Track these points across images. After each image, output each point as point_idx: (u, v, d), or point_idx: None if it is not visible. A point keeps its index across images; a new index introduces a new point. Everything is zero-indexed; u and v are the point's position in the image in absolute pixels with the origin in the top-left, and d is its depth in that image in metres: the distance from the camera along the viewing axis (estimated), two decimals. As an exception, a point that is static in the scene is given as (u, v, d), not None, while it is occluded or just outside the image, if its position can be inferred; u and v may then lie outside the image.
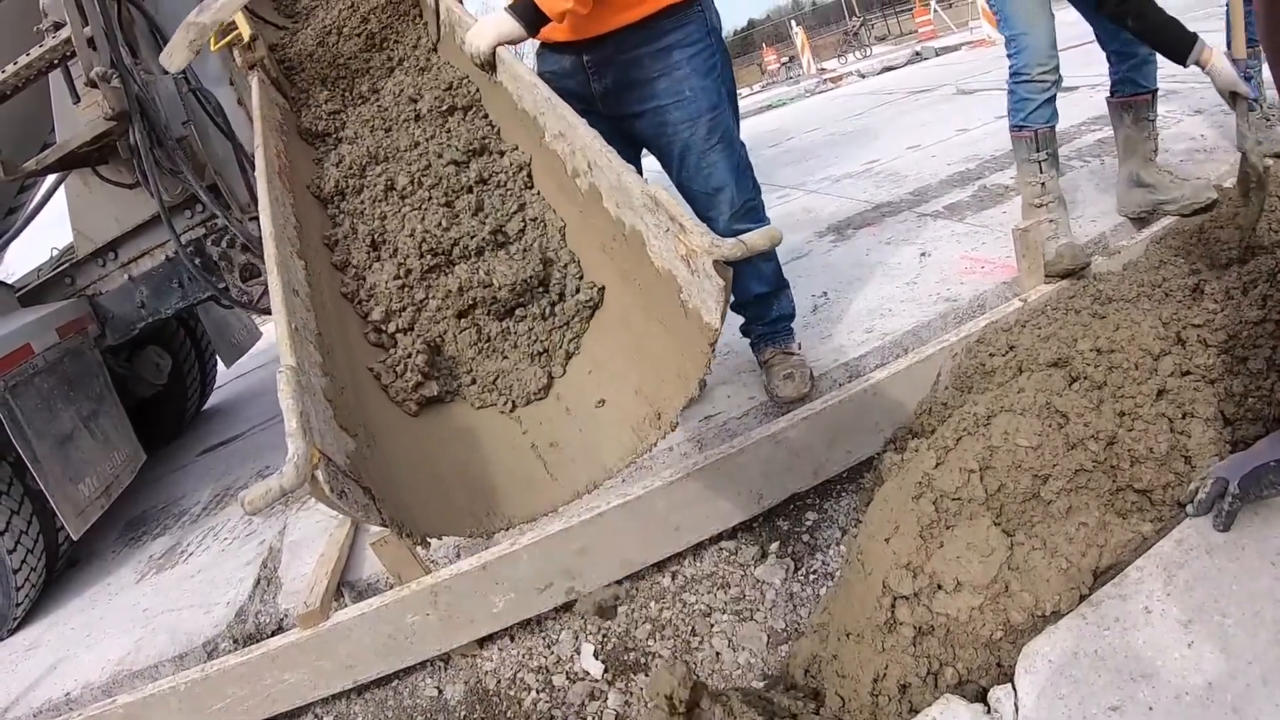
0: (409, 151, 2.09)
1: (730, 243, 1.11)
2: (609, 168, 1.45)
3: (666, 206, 1.23)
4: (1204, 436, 1.46)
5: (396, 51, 2.56)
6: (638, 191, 1.34)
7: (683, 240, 1.20)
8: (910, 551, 1.33)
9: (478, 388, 1.66)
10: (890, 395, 2.31)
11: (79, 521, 3.14)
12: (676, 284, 1.30)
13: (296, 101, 2.47)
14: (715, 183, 2.27)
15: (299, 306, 1.34)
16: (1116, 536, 1.27)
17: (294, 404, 1.04)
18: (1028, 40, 2.65)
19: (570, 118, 1.59)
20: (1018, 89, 2.74)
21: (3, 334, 3.15)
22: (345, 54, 2.59)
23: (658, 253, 1.35)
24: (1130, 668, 1.07)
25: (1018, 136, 2.79)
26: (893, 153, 5.37)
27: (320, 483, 0.99)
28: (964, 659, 1.24)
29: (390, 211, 1.93)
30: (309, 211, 2.01)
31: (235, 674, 2.18)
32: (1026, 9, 2.65)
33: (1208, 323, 1.72)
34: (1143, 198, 2.93)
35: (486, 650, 2.23)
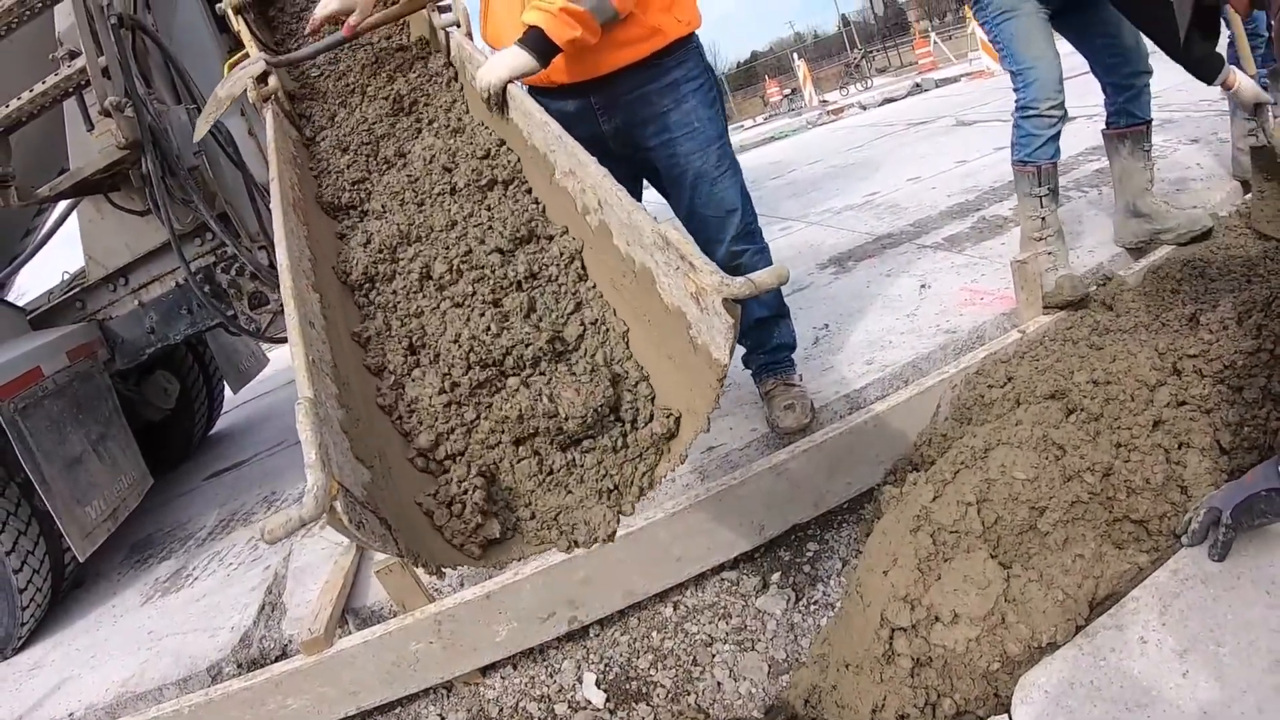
0: (446, 232, 1.91)
1: (739, 281, 1.14)
2: (619, 205, 1.48)
3: (677, 245, 1.26)
4: (1200, 466, 1.48)
5: (426, 113, 2.40)
6: (648, 230, 1.37)
7: (693, 278, 1.22)
8: (908, 584, 1.35)
9: (536, 523, 1.44)
10: (890, 427, 2.33)
11: (86, 543, 3.16)
12: (686, 320, 1.33)
13: (316, 171, 2.31)
14: (727, 206, 2.35)
15: (315, 339, 1.37)
16: (1112, 567, 1.29)
17: (313, 435, 1.06)
18: (1036, 74, 2.68)
19: (581, 155, 1.63)
20: (1024, 124, 2.77)
21: (13, 356, 3.18)
22: (370, 117, 2.42)
23: (667, 289, 1.38)
24: (1126, 698, 1.09)
25: (1021, 171, 2.82)
26: (893, 184, 5.44)
27: (339, 513, 1.00)
28: (961, 690, 1.26)
29: (428, 307, 1.74)
30: (329, 291, 1.79)
31: (239, 698, 2.20)
32: (1034, 43, 2.69)
33: (1203, 353, 1.75)
34: (1140, 228, 2.96)
35: (489, 678, 2.24)
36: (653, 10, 2.15)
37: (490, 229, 1.85)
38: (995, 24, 2.78)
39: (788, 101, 20.00)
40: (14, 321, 3.74)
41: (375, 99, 2.50)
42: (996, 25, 2.78)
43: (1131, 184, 2.98)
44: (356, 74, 2.66)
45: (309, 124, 2.51)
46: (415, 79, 2.52)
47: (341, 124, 2.46)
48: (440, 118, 2.35)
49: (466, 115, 2.30)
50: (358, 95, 2.57)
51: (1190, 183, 3.66)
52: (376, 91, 2.53)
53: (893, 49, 24.87)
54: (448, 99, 2.40)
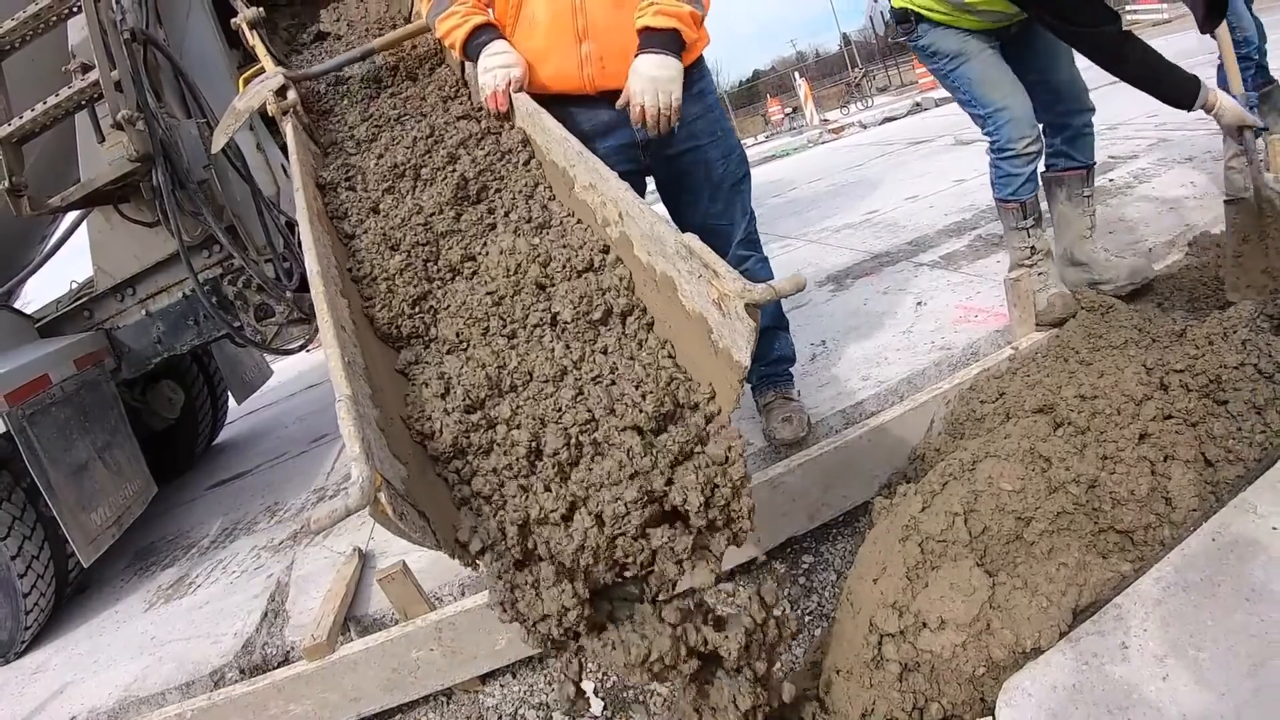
0: (555, 387, 1.53)
1: (761, 288, 1.20)
2: (641, 217, 1.54)
3: (700, 254, 1.32)
4: (1184, 479, 1.52)
5: (499, 201, 2.02)
6: (671, 240, 1.42)
7: (716, 285, 1.28)
8: (897, 591, 1.40)
9: None
10: (885, 441, 2.38)
11: (90, 550, 3.20)
12: (708, 325, 1.38)
13: (360, 276, 1.87)
14: (740, 212, 2.45)
15: (347, 342, 1.42)
16: (1096, 575, 1.33)
17: (355, 430, 1.09)
18: (1009, 115, 2.63)
19: (602, 170, 1.68)
20: (1003, 164, 2.72)
21: (22, 364, 3.22)
22: (426, 207, 1.98)
23: (689, 295, 1.43)
24: (1108, 701, 1.13)
25: (1005, 208, 2.79)
26: (892, 203, 5.50)
27: (384, 504, 1.04)
28: (948, 694, 1.29)
29: (552, 508, 1.33)
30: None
31: (242, 703, 2.23)
32: (998, 83, 2.65)
33: (1189, 368, 1.80)
34: (1078, 276, 2.90)
35: (488, 686, 2.27)
36: None
37: (624, 400, 1.46)
38: (950, 70, 2.74)
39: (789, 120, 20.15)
40: (22, 329, 3.79)
41: (432, 182, 2.08)
42: (952, 71, 2.74)
43: (1069, 231, 2.91)
44: (406, 150, 2.22)
45: (346, 219, 2.04)
46: (484, 157, 2.11)
47: (389, 214, 1.99)
48: (520, 207, 1.97)
49: (553, 202, 1.96)
50: (409, 178, 2.13)
51: (1184, 201, 3.70)
52: (434, 173, 2.11)
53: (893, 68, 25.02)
54: (526, 182, 2.02)
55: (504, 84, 2.10)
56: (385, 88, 2.73)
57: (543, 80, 2.19)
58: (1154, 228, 3.47)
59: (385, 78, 2.76)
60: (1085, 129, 2.82)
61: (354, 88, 2.75)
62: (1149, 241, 3.31)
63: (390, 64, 2.77)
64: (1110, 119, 6.03)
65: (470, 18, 2.15)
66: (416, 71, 2.76)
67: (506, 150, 2.15)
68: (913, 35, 2.82)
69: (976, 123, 2.79)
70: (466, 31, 2.14)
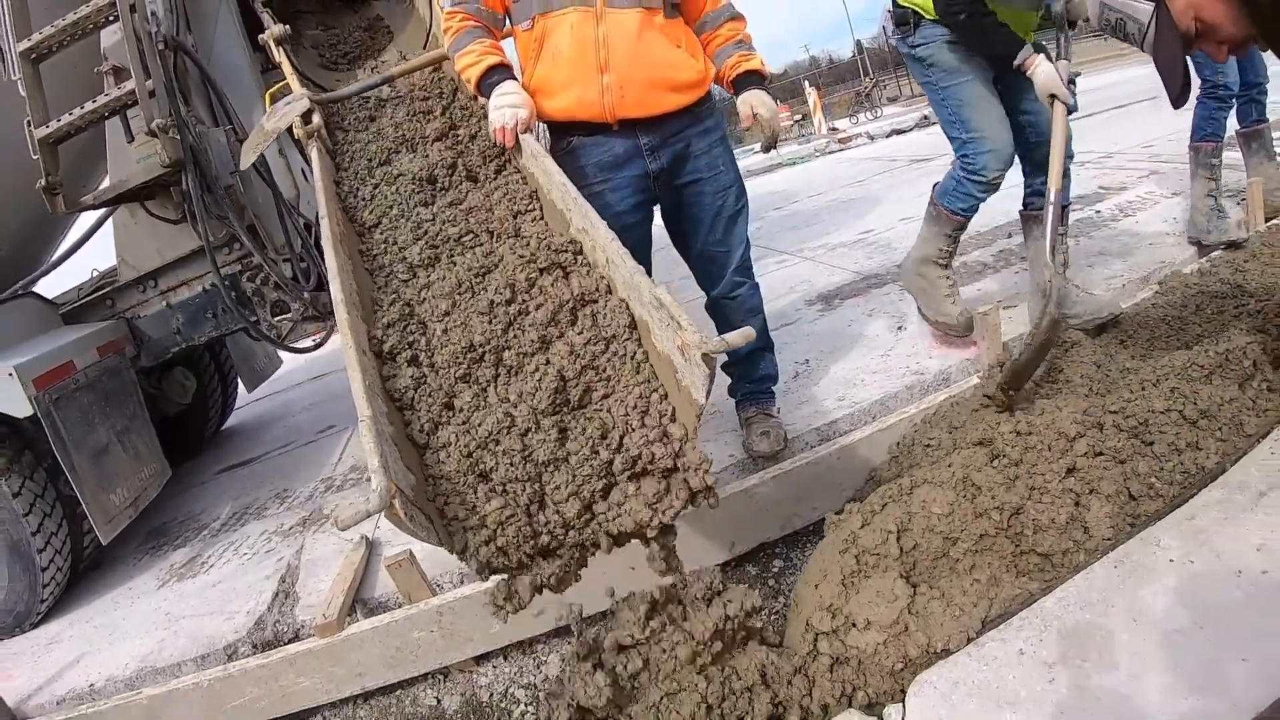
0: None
1: (715, 341, 1.44)
2: (623, 266, 1.75)
3: (669, 307, 1.54)
4: (1101, 511, 1.72)
5: (610, 415, 1.74)
6: (647, 291, 1.65)
7: (679, 335, 1.50)
8: (833, 595, 1.61)
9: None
10: (854, 459, 2.59)
11: (109, 528, 3.37)
12: (674, 366, 1.61)
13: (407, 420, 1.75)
14: (737, 241, 2.63)
15: (369, 366, 1.62)
16: (1006, 591, 1.54)
17: (375, 446, 1.32)
18: (989, 145, 2.75)
19: (592, 217, 1.89)
20: (967, 184, 2.85)
21: (48, 350, 3.39)
22: (520, 420, 1.70)
23: (659, 339, 1.66)
24: (999, 696, 1.34)
25: (947, 216, 2.95)
26: (887, 223, 5.69)
27: (397, 509, 1.26)
28: (872, 684, 1.50)
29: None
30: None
31: (255, 675, 2.43)
32: (987, 111, 2.75)
33: (1122, 409, 2.00)
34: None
35: (482, 667, 2.48)
36: (699, 57, 2.43)
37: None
38: (943, 87, 2.83)
39: (797, 127, 20.31)
40: (47, 316, 3.94)
41: (519, 372, 1.81)
42: (944, 89, 2.83)
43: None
44: (484, 320, 1.92)
45: (414, 412, 1.75)
46: (584, 346, 1.82)
47: (471, 422, 1.72)
48: (635, 431, 1.73)
49: (671, 424, 1.69)
50: (489, 362, 1.84)
51: (1164, 239, 3.85)
52: (520, 360, 1.83)
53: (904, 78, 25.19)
54: (640, 392, 1.74)
55: (511, 123, 2.28)
56: (442, 189, 2.42)
57: (565, 108, 2.36)
58: (1131, 263, 3.64)
59: (441, 177, 2.44)
60: (1065, 174, 2.89)
61: (404, 188, 2.41)
62: (1123, 277, 3.48)
63: (448, 161, 2.47)
64: (1106, 147, 6.20)
65: (485, 58, 2.35)
66: (478, 171, 2.48)
67: (610, 336, 1.84)
68: (911, 41, 2.88)
69: (953, 143, 2.90)
70: (481, 71, 2.34)
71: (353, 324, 1.67)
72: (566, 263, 2.02)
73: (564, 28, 2.30)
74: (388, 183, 2.43)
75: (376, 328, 1.91)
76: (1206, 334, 2.65)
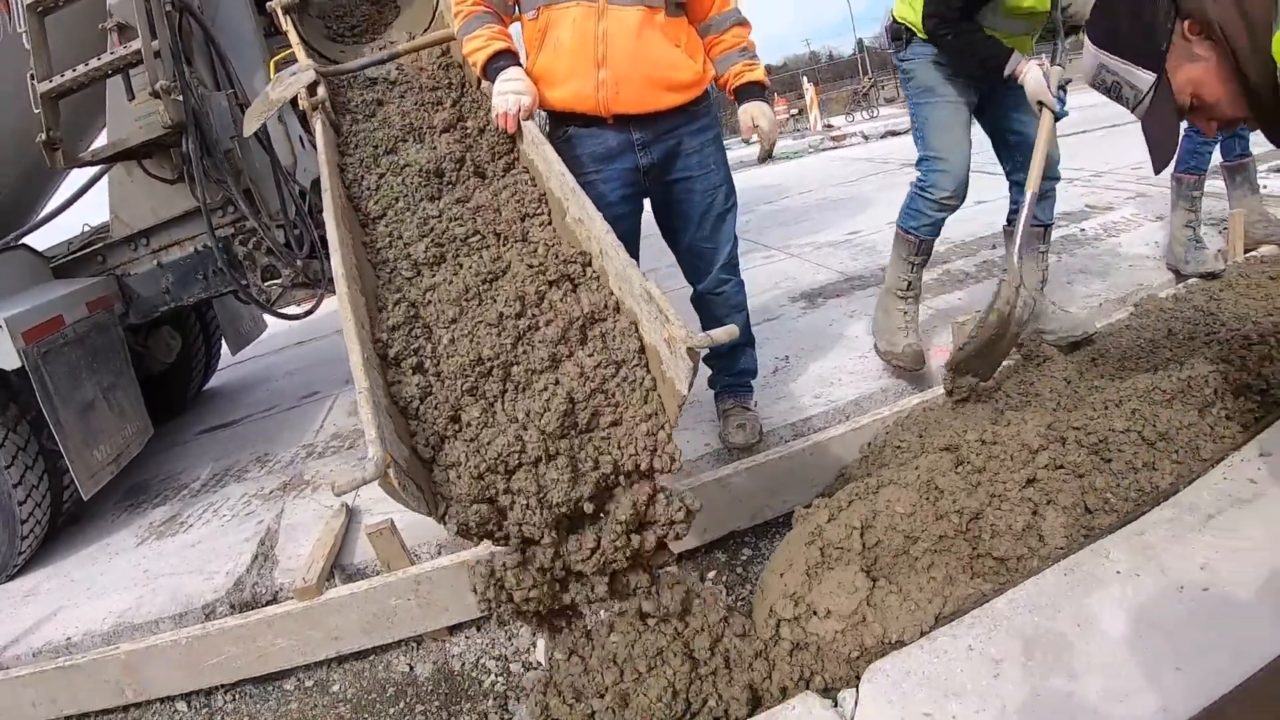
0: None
1: (700, 336, 1.51)
2: (616, 258, 1.82)
3: (658, 301, 1.61)
4: (1056, 521, 1.82)
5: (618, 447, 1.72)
6: (638, 284, 1.71)
7: (666, 329, 1.57)
8: (796, 585, 1.70)
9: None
10: (826, 456, 2.68)
11: (91, 483, 3.38)
12: (659, 356, 1.68)
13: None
14: (724, 239, 2.70)
15: (366, 338, 1.67)
16: (960, 590, 1.63)
17: (372, 418, 1.38)
18: (945, 167, 2.84)
19: (589, 209, 1.94)
20: (918, 200, 2.94)
21: (39, 303, 3.39)
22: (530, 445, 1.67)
23: (647, 331, 1.73)
24: (946, 688, 1.42)
25: (903, 238, 3.02)
26: (875, 225, 5.77)
27: (391, 479, 1.33)
28: (829, 670, 1.60)
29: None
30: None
31: (233, 634, 2.49)
32: (950, 135, 2.83)
33: (1084, 426, 2.09)
34: None
35: (455, 637, 2.56)
36: (698, 58, 2.48)
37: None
38: (917, 101, 2.93)
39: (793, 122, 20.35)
40: (39, 269, 3.93)
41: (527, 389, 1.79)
42: (916, 104, 2.93)
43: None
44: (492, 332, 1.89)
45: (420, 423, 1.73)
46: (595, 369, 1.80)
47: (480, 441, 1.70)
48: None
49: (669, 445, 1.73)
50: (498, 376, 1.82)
51: (1144, 261, 3.95)
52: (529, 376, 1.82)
53: (902, 79, 25.17)
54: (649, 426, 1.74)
55: (514, 109, 2.33)
56: (449, 184, 2.40)
57: (563, 99, 2.42)
58: (1110, 283, 3.74)
59: (449, 170, 2.41)
60: (1049, 192, 3.02)
61: (411, 179, 2.37)
62: (1101, 297, 3.58)
63: (456, 154, 2.44)
64: (1097, 166, 6.27)
65: (492, 43, 2.40)
66: (486, 168, 2.46)
67: (620, 360, 1.82)
68: (901, 55, 2.98)
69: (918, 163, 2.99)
70: (488, 55, 2.39)
71: (353, 299, 1.72)
72: (575, 275, 2.01)
73: (566, 21, 2.35)
74: (394, 172, 2.40)
75: (382, 329, 1.89)
76: (1175, 359, 2.75)
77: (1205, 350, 2.60)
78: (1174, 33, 1.33)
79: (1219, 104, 1.36)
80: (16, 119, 3.88)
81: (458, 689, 2.38)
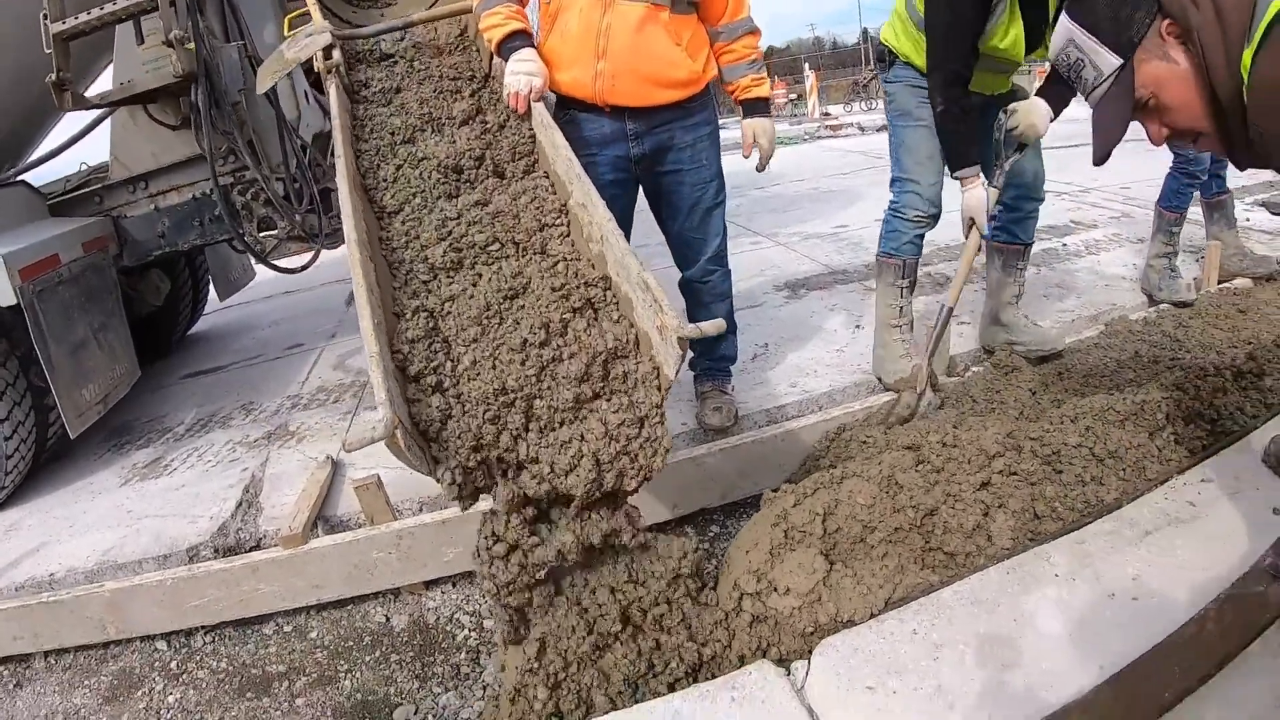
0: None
1: (691, 327, 1.64)
2: (616, 245, 1.91)
3: (653, 290, 1.72)
4: (1004, 524, 1.95)
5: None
6: (635, 271, 1.81)
7: (660, 317, 1.68)
8: (760, 562, 1.83)
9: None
10: (797, 443, 2.82)
11: (78, 422, 3.42)
12: (650, 342, 1.78)
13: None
14: (713, 232, 2.80)
15: (376, 304, 1.75)
16: (910, 579, 1.76)
17: (382, 380, 1.48)
18: (915, 188, 2.95)
19: (593, 195, 2.03)
20: (894, 220, 3.04)
21: (37, 241, 3.41)
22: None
23: (640, 317, 1.84)
24: (889, 665, 1.56)
25: (886, 263, 3.09)
26: (862, 221, 5.86)
27: (398, 439, 1.42)
28: (785, 643, 1.73)
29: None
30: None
31: (219, 578, 2.59)
32: (918, 161, 2.94)
33: (1040, 438, 2.23)
34: (998, 335, 3.30)
35: (431, 591, 2.68)
36: (699, 57, 2.56)
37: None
38: (894, 124, 3.04)
39: (791, 106, 20.35)
40: (36, 205, 3.94)
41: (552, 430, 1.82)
42: (894, 126, 3.03)
43: (1001, 295, 3.27)
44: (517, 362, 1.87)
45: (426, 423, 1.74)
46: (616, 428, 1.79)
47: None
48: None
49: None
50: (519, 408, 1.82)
51: (1120, 282, 4.06)
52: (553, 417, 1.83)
53: (902, 72, 25.14)
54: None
55: (525, 89, 2.41)
56: (467, 182, 2.37)
57: (562, 84, 2.52)
58: (1085, 300, 3.86)
59: (468, 168, 2.38)
60: (1032, 213, 3.14)
61: (429, 174, 2.34)
62: (1075, 313, 3.70)
63: (476, 151, 2.40)
64: (1086, 182, 6.35)
65: (510, 22, 2.46)
66: (506, 168, 2.43)
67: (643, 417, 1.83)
68: (884, 76, 3.08)
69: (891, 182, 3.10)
70: (504, 34, 2.46)
71: (364, 265, 1.79)
72: (597, 299, 2.01)
73: (575, 9, 2.45)
74: (411, 165, 2.36)
75: (401, 341, 1.85)
76: (1137, 380, 2.89)
77: (1165, 376, 2.73)
78: (1151, 27, 1.30)
79: (1176, 110, 1.33)
80: (18, 55, 3.90)
81: (432, 641, 2.50)
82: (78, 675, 2.68)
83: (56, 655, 2.77)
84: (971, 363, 3.27)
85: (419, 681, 2.35)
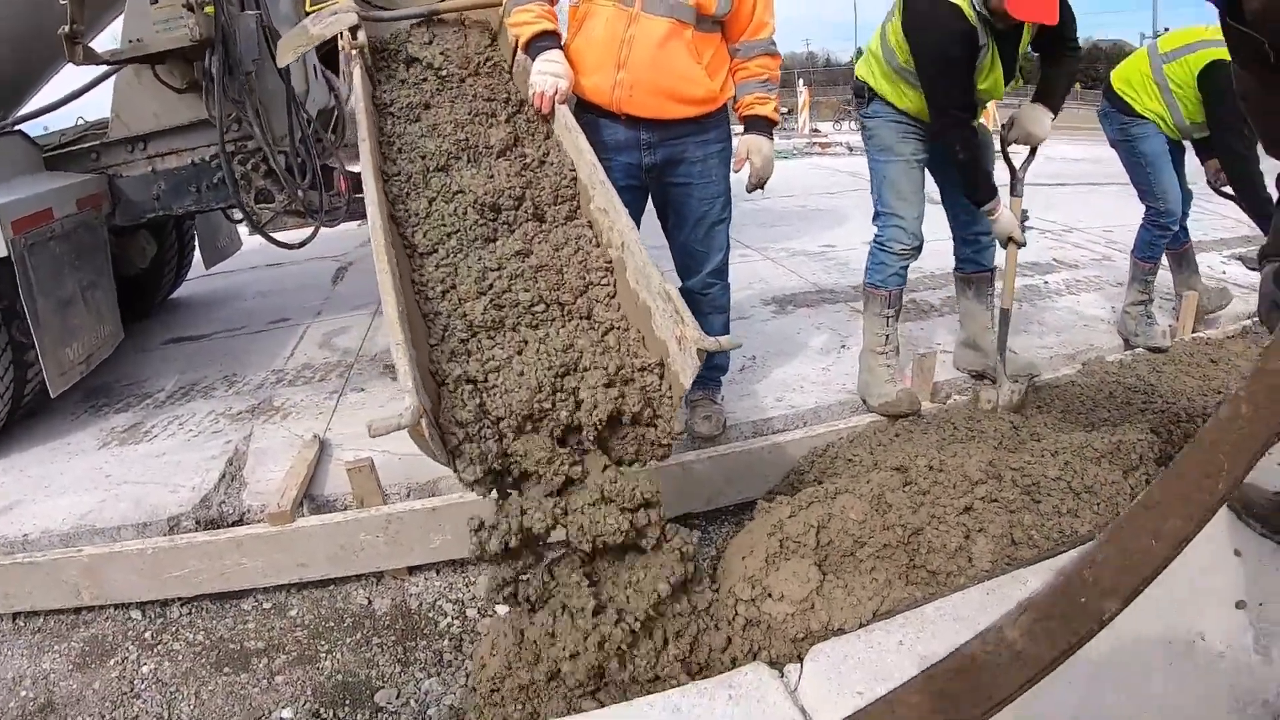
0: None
1: (710, 340, 1.69)
2: (637, 254, 1.96)
3: (675, 301, 1.77)
4: (984, 547, 2.03)
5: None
6: (657, 281, 1.86)
7: (679, 328, 1.73)
8: (756, 569, 1.90)
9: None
10: (782, 455, 2.89)
11: (60, 381, 3.37)
12: (667, 351, 1.83)
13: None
14: (716, 247, 2.85)
15: (399, 292, 1.77)
16: (896, 594, 1.84)
17: (408, 369, 1.51)
18: (898, 223, 3.05)
19: (616, 203, 2.07)
20: (879, 254, 3.14)
21: (31, 194, 3.38)
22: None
23: (659, 326, 1.88)
24: (877, 673, 1.63)
25: (873, 294, 3.19)
26: (850, 242, 5.97)
27: (422, 428, 1.45)
28: (776, 647, 1.80)
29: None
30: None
31: (201, 549, 2.58)
32: (903, 193, 3.04)
33: (1021, 469, 2.31)
34: (973, 359, 3.41)
35: (415, 577, 2.70)
36: (718, 76, 2.62)
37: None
38: (875, 160, 3.14)
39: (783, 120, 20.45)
40: (31, 156, 3.87)
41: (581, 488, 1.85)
42: (875, 162, 3.13)
43: (974, 323, 3.39)
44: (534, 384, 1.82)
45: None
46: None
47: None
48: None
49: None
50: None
51: (1097, 324, 4.18)
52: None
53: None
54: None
55: (550, 91, 2.43)
56: (505, 225, 2.25)
57: (585, 89, 2.57)
58: (1063, 338, 3.98)
59: (507, 208, 2.26)
60: (992, 242, 3.21)
61: (465, 211, 2.21)
62: (1053, 350, 3.82)
63: (516, 190, 2.28)
64: (1070, 222, 6.50)
65: (540, 21, 2.50)
66: (547, 211, 2.32)
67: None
68: (862, 111, 3.17)
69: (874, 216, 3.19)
70: (534, 32, 2.49)
71: (388, 252, 1.81)
72: (651, 389, 1.90)
73: (600, 18, 2.50)
74: (445, 199, 2.23)
75: (450, 421, 1.73)
76: (1111, 420, 3.00)
77: (1140, 418, 2.85)
78: None
79: None
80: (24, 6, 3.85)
81: (414, 626, 2.52)
82: (47, 639, 2.64)
83: (26, 617, 2.72)
84: (954, 391, 3.36)
85: (401, 666, 2.37)
